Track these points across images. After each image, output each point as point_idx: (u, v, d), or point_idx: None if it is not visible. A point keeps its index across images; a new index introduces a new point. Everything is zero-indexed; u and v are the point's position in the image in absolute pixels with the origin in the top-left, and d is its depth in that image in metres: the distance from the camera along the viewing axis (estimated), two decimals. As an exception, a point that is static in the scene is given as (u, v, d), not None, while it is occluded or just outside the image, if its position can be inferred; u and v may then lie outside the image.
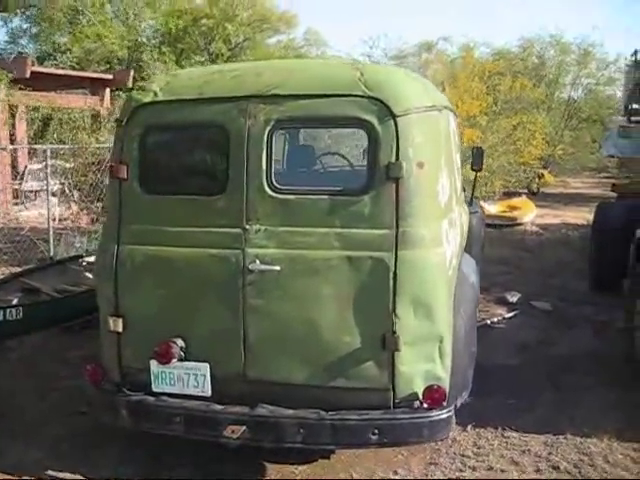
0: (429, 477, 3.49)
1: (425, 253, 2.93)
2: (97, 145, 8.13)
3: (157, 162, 3.25)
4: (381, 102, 2.89)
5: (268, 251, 3.00)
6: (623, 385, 4.45)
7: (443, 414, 2.96)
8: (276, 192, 3.00)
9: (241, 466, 3.53)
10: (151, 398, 3.16)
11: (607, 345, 5.38)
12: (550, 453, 3.68)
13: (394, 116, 2.88)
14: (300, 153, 3.14)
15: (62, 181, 7.97)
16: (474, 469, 3.54)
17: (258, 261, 2.98)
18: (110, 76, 14.92)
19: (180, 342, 3.11)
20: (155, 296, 3.18)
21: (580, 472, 3.48)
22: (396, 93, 2.94)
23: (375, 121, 2.89)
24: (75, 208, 7.76)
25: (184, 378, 3.15)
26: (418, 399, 2.98)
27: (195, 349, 3.11)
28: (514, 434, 3.89)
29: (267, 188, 3.00)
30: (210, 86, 3.14)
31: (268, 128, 2.99)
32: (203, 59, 18.21)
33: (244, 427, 2.99)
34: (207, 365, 3.10)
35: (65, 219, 7.91)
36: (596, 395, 4.36)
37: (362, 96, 2.92)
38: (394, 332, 2.90)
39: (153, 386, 3.18)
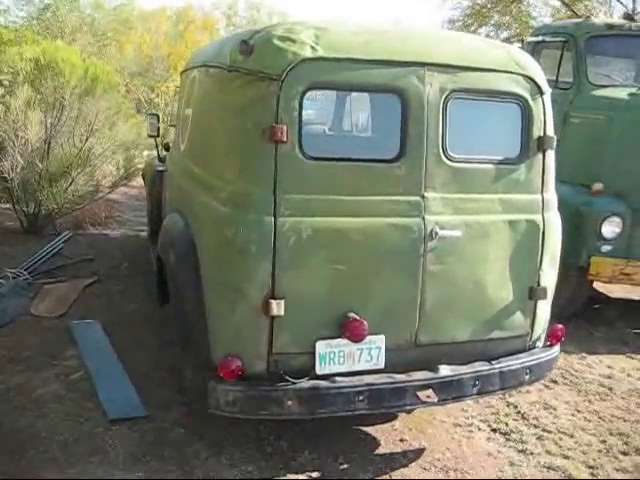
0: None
1: (556, 214, 3.41)
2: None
3: (320, 124, 2.94)
4: (532, 80, 3.22)
5: (445, 218, 3.07)
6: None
7: (559, 349, 3.54)
8: (450, 160, 3.07)
9: (345, 437, 3.55)
10: (325, 382, 2.94)
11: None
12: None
13: (542, 93, 3.25)
14: (464, 123, 3.21)
15: None
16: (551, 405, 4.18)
17: (438, 228, 3.04)
18: None
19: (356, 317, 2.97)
20: (325, 271, 2.92)
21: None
22: (540, 72, 3.29)
23: (529, 97, 3.21)
24: None
25: (355, 354, 3.01)
26: (540, 339, 3.48)
27: (369, 322, 3.00)
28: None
29: (443, 156, 3.05)
30: (374, 47, 2.95)
31: (444, 97, 3.02)
32: None
33: (430, 390, 3.07)
34: (383, 337, 3.03)
35: None
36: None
37: (517, 73, 3.19)
38: (539, 284, 3.33)
39: (318, 369, 2.96)
